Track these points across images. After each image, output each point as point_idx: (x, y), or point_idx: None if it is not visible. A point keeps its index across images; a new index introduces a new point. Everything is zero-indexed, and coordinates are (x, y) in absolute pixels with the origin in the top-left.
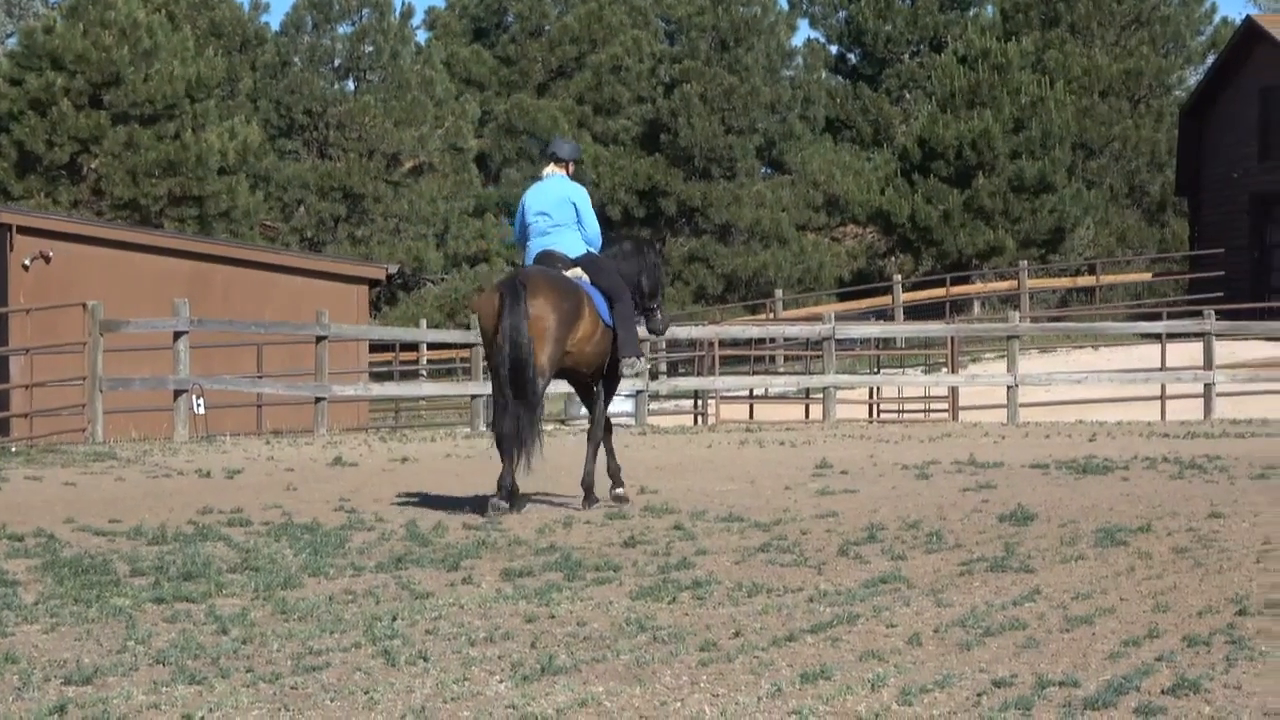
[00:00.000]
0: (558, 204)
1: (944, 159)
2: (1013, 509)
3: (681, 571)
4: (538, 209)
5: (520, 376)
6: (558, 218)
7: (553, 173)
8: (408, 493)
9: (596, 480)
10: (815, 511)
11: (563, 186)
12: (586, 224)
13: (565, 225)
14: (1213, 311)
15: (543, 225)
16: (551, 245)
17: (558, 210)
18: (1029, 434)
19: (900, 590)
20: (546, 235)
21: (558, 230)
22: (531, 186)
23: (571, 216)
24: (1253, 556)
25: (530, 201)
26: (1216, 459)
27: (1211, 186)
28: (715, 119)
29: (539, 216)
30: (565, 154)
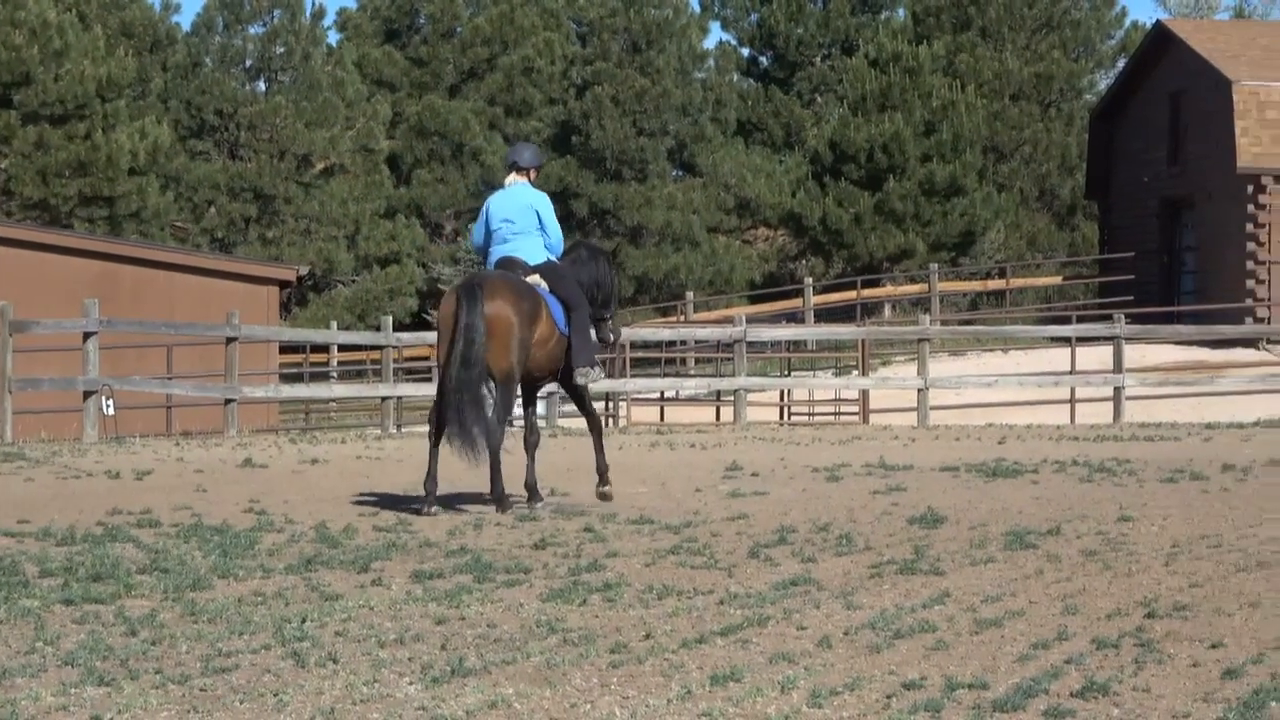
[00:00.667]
0: (521, 211)
1: (855, 162)
2: (923, 512)
3: (592, 574)
4: (501, 216)
5: (468, 373)
6: (520, 225)
7: (515, 180)
8: (318, 494)
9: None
10: (726, 514)
11: (525, 194)
12: (549, 231)
13: (527, 232)
14: (1122, 315)
15: (505, 232)
16: (513, 251)
17: (521, 217)
18: (939, 437)
19: (810, 593)
20: (508, 242)
21: (519, 237)
22: (495, 194)
23: (534, 224)
24: (1161, 559)
25: (494, 208)
26: (1126, 462)
27: (1122, 190)
28: (627, 121)
29: (503, 223)
30: (526, 161)
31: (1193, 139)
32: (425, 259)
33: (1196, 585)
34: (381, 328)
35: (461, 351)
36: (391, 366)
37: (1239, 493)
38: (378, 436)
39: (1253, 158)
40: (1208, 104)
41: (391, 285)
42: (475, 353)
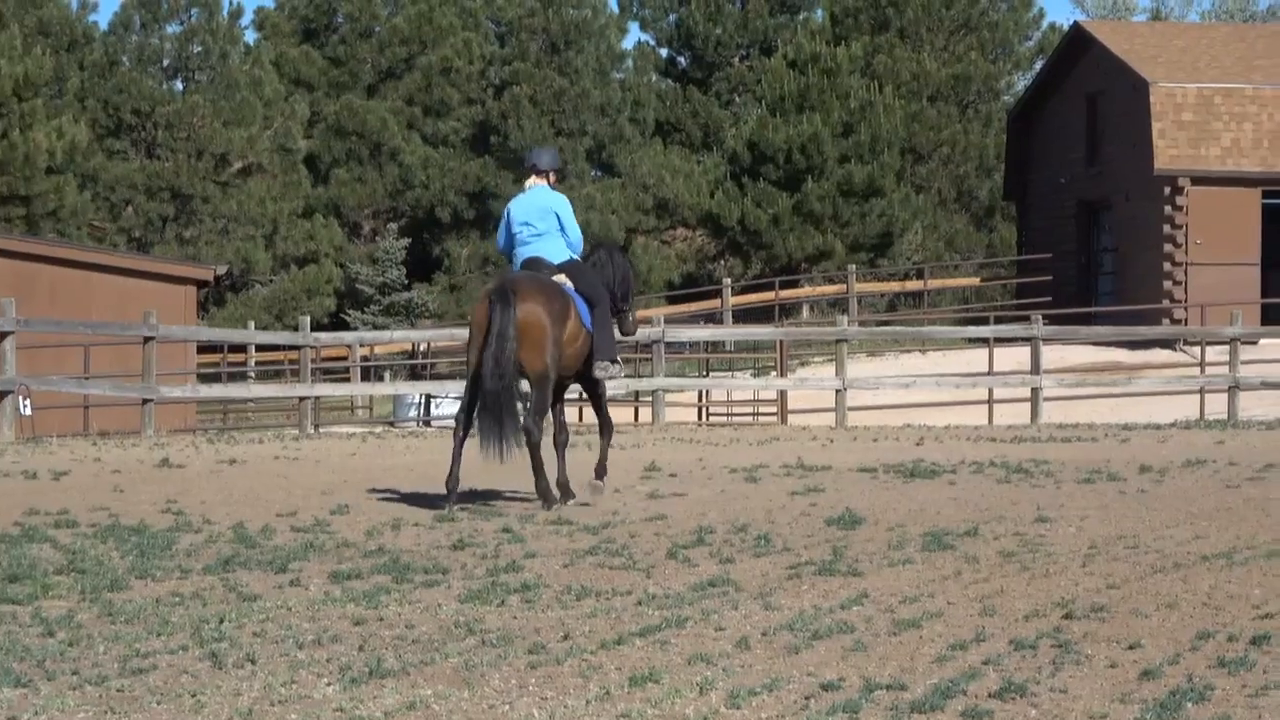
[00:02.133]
0: (541, 213)
1: (773, 163)
2: (841, 512)
3: (510, 574)
4: (522, 219)
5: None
6: (541, 226)
7: (535, 184)
8: (236, 495)
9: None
10: (644, 515)
11: (545, 197)
12: (569, 231)
13: (549, 233)
14: (1040, 316)
15: (527, 234)
16: (536, 253)
17: (541, 219)
18: (857, 438)
19: (729, 594)
20: (530, 243)
21: (541, 238)
22: (516, 197)
23: (555, 225)
24: (1079, 560)
25: (515, 212)
26: (1043, 463)
27: (1039, 192)
28: (545, 121)
29: (523, 226)
30: (545, 164)
31: (1110, 140)
32: (343, 259)
33: (1114, 586)
34: (299, 328)
35: (495, 355)
36: (309, 367)
37: (1156, 494)
38: (295, 437)
39: (1170, 159)
40: (1125, 105)
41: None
42: (507, 357)
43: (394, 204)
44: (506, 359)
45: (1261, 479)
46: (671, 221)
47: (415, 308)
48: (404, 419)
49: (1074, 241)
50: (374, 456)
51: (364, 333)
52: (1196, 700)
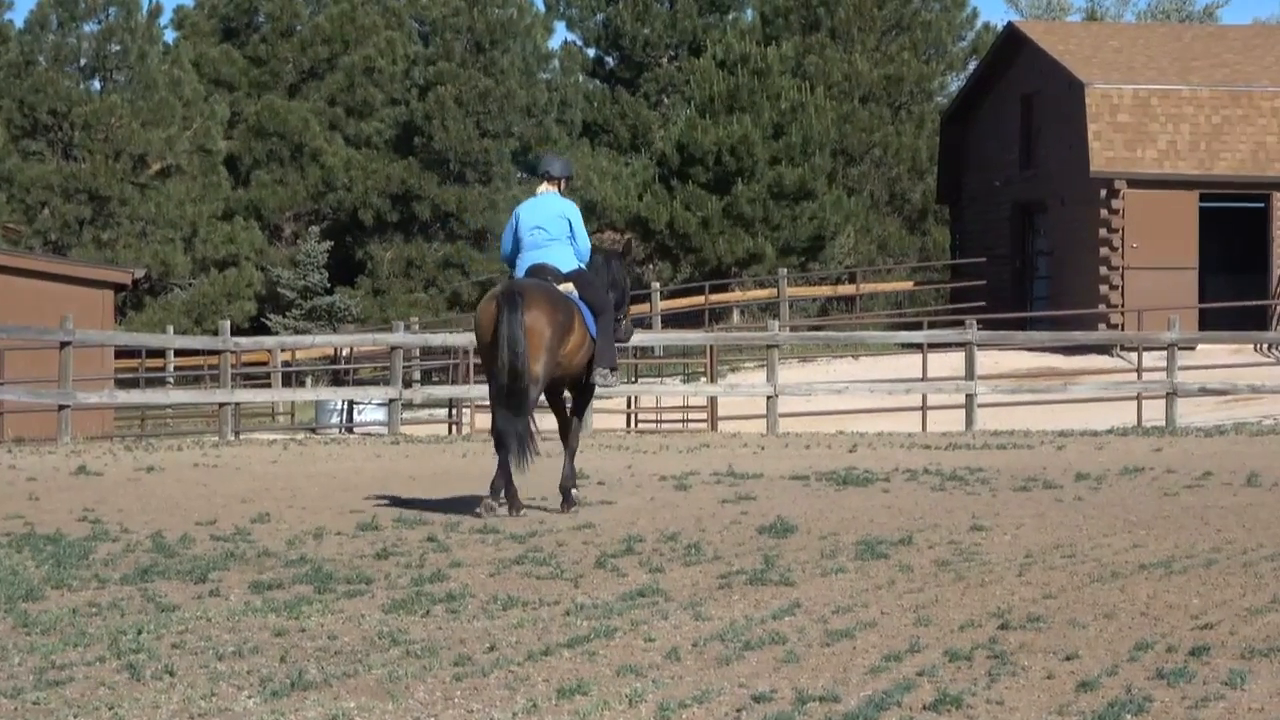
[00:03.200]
0: (552, 219)
1: (703, 165)
2: (772, 521)
3: (435, 584)
4: (533, 224)
5: (517, 384)
6: (552, 232)
7: (546, 190)
8: (154, 503)
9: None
10: (572, 523)
11: (556, 203)
12: (579, 240)
13: (558, 240)
14: (975, 321)
15: (537, 239)
16: (544, 259)
17: (552, 225)
18: (789, 445)
19: (658, 603)
20: (539, 249)
21: (551, 245)
22: (525, 202)
23: (565, 231)
24: (1015, 569)
25: (525, 216)
26: (978, 470)
27: (973, 194)
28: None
29: (534, 231)
30: (558, 171)
31: (1045, 142)
32: (264, 262)
33: (1050, 596)
34: (219, 332)
35: (509, 362)
36: (229, 372)
37: (1093, 501)
38: (215, 444)
39: (1106, 161)
40: (1060, 107)
41: (229, 289)
42: (521, 362)
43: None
44: (523, 366)
45: (1200, 487)
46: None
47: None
48: (326, 425)
49: (1009, 245)
50: (295, 464)
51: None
52: (1135, 712)
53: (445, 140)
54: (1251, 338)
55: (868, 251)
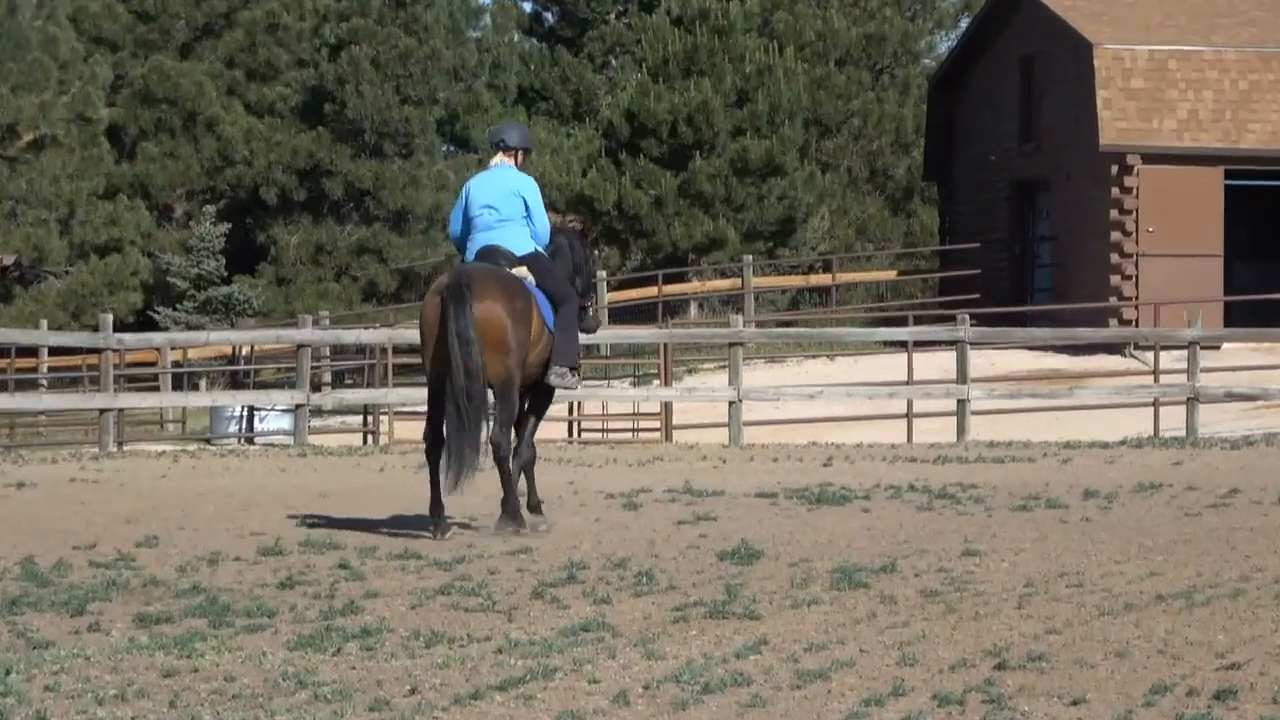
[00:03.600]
0: (505, 197)
1: (656, 136)
2: (735, 545)
3: (348, 617)
4: (483, 202)
5: (472, 387)
6: (505, 212)
7: (501, 162)
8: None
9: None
10: (505, 547)
11: (511, 178)
12: (536, 220)
13: (512, 220)
14: (967, 316)
15: (488, 219)
16: (496, 241)
17: (505, 204)
18: (754, 457)
19: (604, 640)
20: (491, 230)
21: (504, 225)
22: (476, 177)
23: (519, 211)
24: (1013, 601)
25: (475, 193)
26: (971, 487)
27: (966, 171)
28: (389, 87)
29: (485, 210)
30: (514, 141)
31: (1048, 111)
32: (152, 247)
33: (1054, 631)
34: (100, 327)
35: (461, 360)
36: (112, 373)
37: (1103, 523)
38: (95, 456)
39: (1117, 133)
40: (1065, 70)
41: (112, 278)
42: (474, 360)
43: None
44: (476, 365)
45: (1225, 506)
46: None
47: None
48: (223, 435)
49: (1006, 229)
50: (188, 478)
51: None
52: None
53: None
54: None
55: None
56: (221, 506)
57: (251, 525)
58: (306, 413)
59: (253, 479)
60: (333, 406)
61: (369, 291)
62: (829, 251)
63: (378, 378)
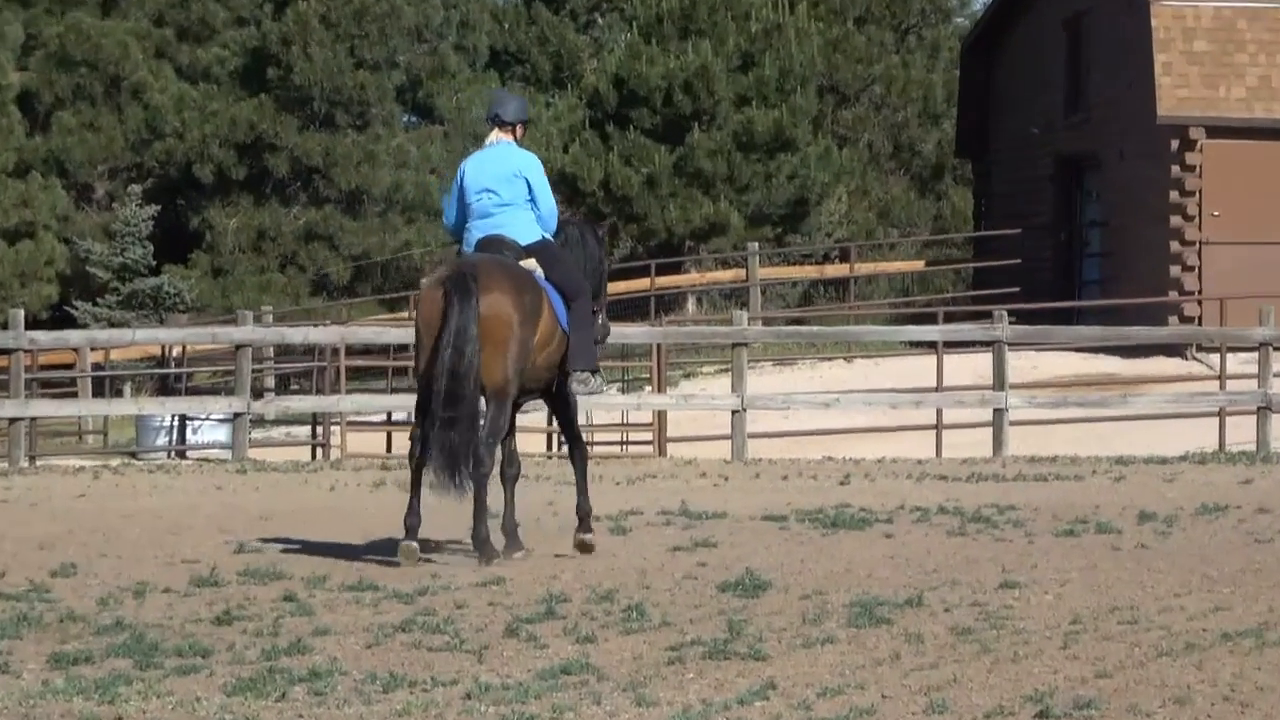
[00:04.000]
0: (506, 179)
1: (648, 106)
2: (739, 575)
3: (294, 657)
4: (482, 185)
5: (459, 389)
6: (506, 195)
7: (498, 139)
8: None
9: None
10: (475, 578)
11: (511, 156)
12: (541, 202)
13: (515, 204)
14: (1005, 313)
15: (487, 204)
16: (499, 229)
17: (506, 187)
18: (760, 474)
19: (588, 683)
20: (491, 217)
21: (506, 210)
22: (471, 157)
23: (523, 194)
24: (1058, 640)
25: (471, 176)
26: (1010, 509)
27: (1004, 146)
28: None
29: (484, 194)
30: (511, 115)
31: (1098, 78)
32: (69, 232)
33: (1104, 675)
34: (9, 324)
35: (450, 361)
36: (23, 377)
37: (1161, 551)
38: (4, 472)
39: (1178, 102)
40: (1118, 30)
41: (24, 267)
42: (468, 363)
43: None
44: (468, 365)
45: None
46: None
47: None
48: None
49: (1050, 213)
50: (110, 498)
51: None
52: None
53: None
54: None
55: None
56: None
57: (183, 551)
58: (246, 423)
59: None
60: (276, 416)
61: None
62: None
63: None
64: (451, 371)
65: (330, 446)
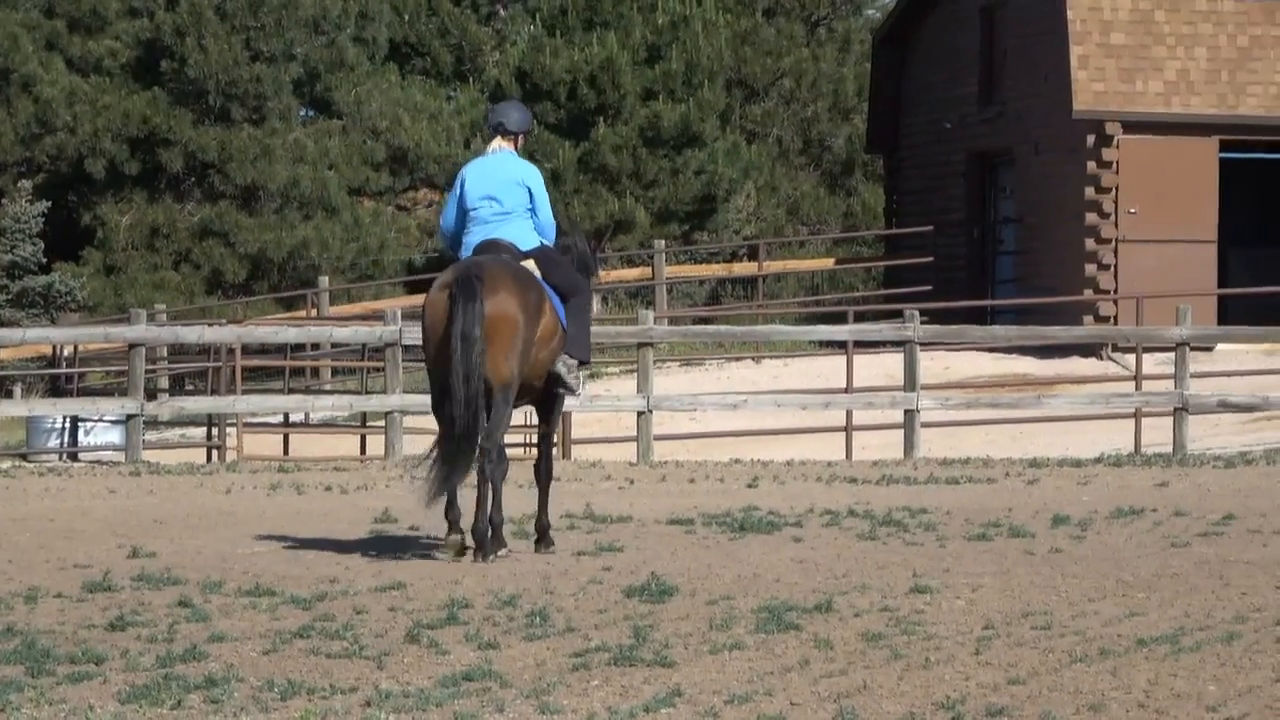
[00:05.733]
0: (509, 187)
1: (552, 99)
2: (645, 580)
3: (189, 664)
4: (484, 192)
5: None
6: (508, 204)
7: (501, 148)
8: None
9: None
10: (375, 583)
11: (514, 166)
12: (540, 212)
13: (516, 213)
14: (917, 313)
15: (489, 212)
16: (498, 235)
17: (509, 195)
18: (667, 477)
19: (491, 691)
20: (491, 224)
21: (506, 219)
22: (472, 163)
23: (524, 202)
24: (970, 645)
25: (473, 182)
26: (921, 512)
27: (916, 141)
28: (237, 41)
29: (485, 201)
30: (514, 125)
31: (1013, 71)
32: None
33: (1017, 681)
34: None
35: (461, 364)
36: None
37: (1075, 555)
38: None
39: (1094, 97)
40: (1033, 22)
41: None
42: (475, 365)
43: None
44: (475, 368)
45: (1218, 535)
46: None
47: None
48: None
49: (963, 210)
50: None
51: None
52: None
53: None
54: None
55: (774, 218)
56: (40, 534)
57: (76, 556)
58: (140, 424)
59: (77, 502)
60: (171, 417)
61: (213, 281)
62: (755, 236)
63: (224, 383)
64: (459, 371)
65: (226, 449)
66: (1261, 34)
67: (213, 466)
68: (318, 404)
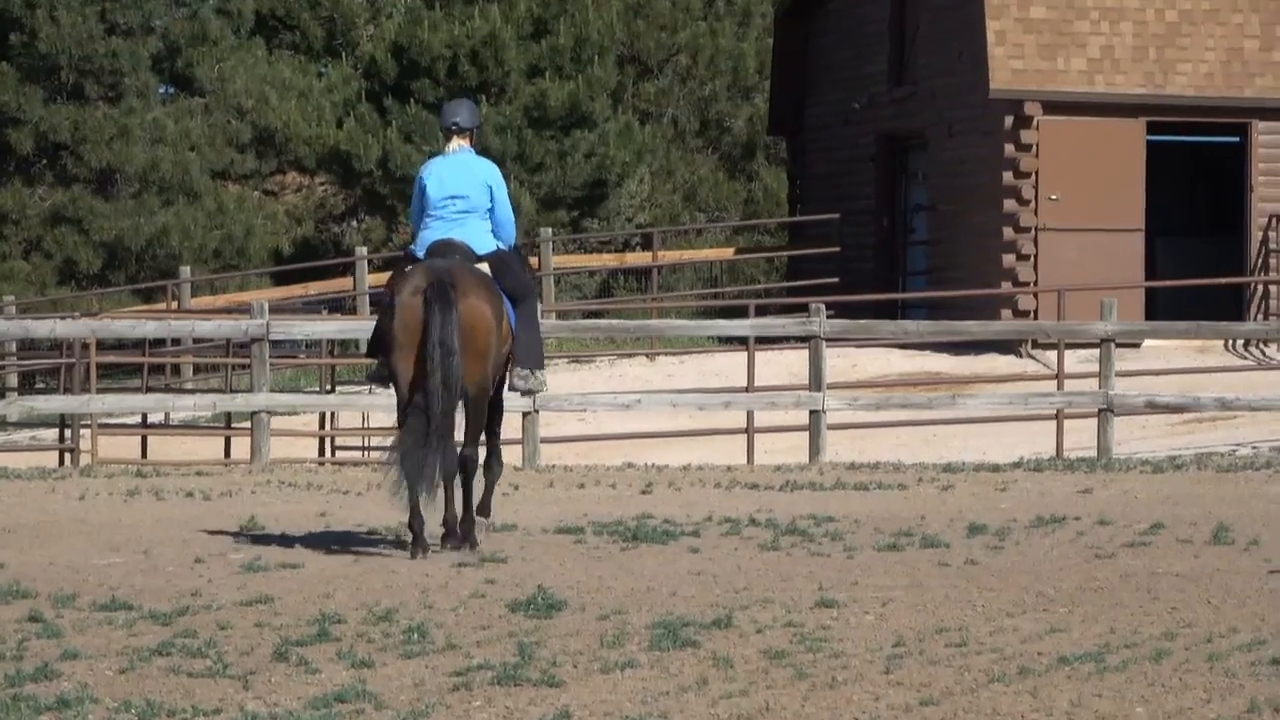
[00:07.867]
0: (473, 185)
1: (430, 77)
2: (531, 593)
3: (41, 684)
4: (449, 191)
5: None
6: (472, 201)
7: (459, 146)
8: None
9: None
10: (240, 596)
11: (477, 166)
12: (499, 213)
13: (476, 213)
14: (822, 306)
15: (452, 211)
16: (454, 235)
17: (473, 193)
18: (555, 483)
19: (365, 712)
20: (452, 222)
21: (466, 219)
22: (432, 163)
23: (485, 203)
24: (879, 664)
25: (434, 181)
26: (827, 521)
27: (822, 123)
28: (91, 12)
29: (451, 200)
30: (467, 122)
31: (926, 49)
32: None
33: (930, 702)
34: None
35: (441, 372)
36: None
37: (992, 566)
38: None
39: (1012, 75)
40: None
41: None
42: (455, 374)
43: None
44: (455, 376)
45: (1145, 545)
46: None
47: None
48: None
49: (873, 196)
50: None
51: None
52: None
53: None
54: (1220, 330)
55: (669, 204)
56: None
57: None
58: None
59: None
60: (20, 417)
61: (66, 271)
62: (649, 224)
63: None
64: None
65: (80, 452)
66: (1191, 8)
67: (65, 471)
68: (179, 404)
